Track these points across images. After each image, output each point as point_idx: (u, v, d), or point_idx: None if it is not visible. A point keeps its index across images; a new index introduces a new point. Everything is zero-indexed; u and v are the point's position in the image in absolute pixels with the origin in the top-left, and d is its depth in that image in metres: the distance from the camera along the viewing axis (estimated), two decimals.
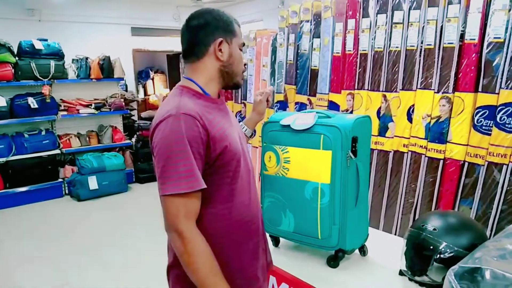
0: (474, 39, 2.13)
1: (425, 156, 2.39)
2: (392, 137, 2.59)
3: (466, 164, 2.22)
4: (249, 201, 1.21)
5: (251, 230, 1.22)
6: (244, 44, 1.24)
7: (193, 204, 1.07)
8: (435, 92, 2.32)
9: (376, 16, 2.61)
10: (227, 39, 1.17)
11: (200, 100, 1.14)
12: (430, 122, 2.35)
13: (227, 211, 1.15)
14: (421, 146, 2.41)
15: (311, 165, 1.34)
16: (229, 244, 1.17)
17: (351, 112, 2.80)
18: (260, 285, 1.26)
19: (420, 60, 2.40)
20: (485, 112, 2.11)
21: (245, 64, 1.25)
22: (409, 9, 2.43)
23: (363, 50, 2.72)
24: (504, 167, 2.04)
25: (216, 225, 1.14)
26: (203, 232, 1.10)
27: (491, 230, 2.08)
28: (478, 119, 2.14)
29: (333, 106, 2.98)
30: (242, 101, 4.18)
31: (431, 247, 1.22)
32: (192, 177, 1.04)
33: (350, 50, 2.81)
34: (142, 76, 9.61)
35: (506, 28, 2.01)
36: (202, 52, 1.16)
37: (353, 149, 1.33)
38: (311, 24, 3.13)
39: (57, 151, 5.21)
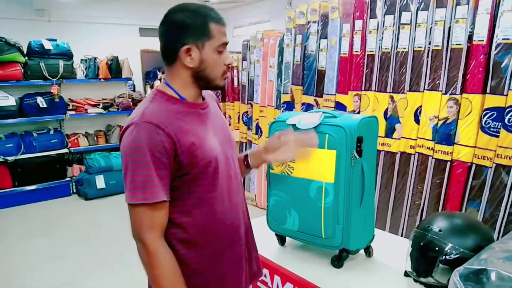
0: (483, 40, 2.12)
1: (432, 158, 2.38)
2: (399, 139, 2.58)
3: (474, 166, 2.20)
4: (229, 209, 1.17)
5: (231, 239, 1.19)
6: (226, 43, 1.12)
7: (157, 215, 1.04)
8: (442, 94, 2.31)
9: (384, 17, 2.61)
10: (197, 43, 1.07)
11: (176, 105, 1.10)
12: (437, 124, 2.34)
13: (202, 220, 1.12)
14: (428, 148, 2.40)
15: (316, 164, 1.34)
16: (207, 253, 1.14)
17: (358, 113, 2.79)
18: None
19: (427, 61, 2.39)
20: (493, 114, 2.09)
21: (229, 64, 1.15)
22: (417, 10, 2.42)
23: (370, 51, 2.72)
24: None
25: (192, 234, 1.11)
26: (180, 240, 1.10)
27: (499, 233, 2.07)
28: (486, 121, 2.13)
29: (340, 107, 2.98)
30: (249, 101, 4.18)
31: (437, 248, 1.21)
32: (147, 189, 1.01)
33: (357, 51, 2.81)
34: (150, 76, 9.64)
35: None
36: (173, 57, 1.10)
37: (358, 149, 1.32)
38: (318, 25, 3.13)
39: (65, 150, 5.25)
